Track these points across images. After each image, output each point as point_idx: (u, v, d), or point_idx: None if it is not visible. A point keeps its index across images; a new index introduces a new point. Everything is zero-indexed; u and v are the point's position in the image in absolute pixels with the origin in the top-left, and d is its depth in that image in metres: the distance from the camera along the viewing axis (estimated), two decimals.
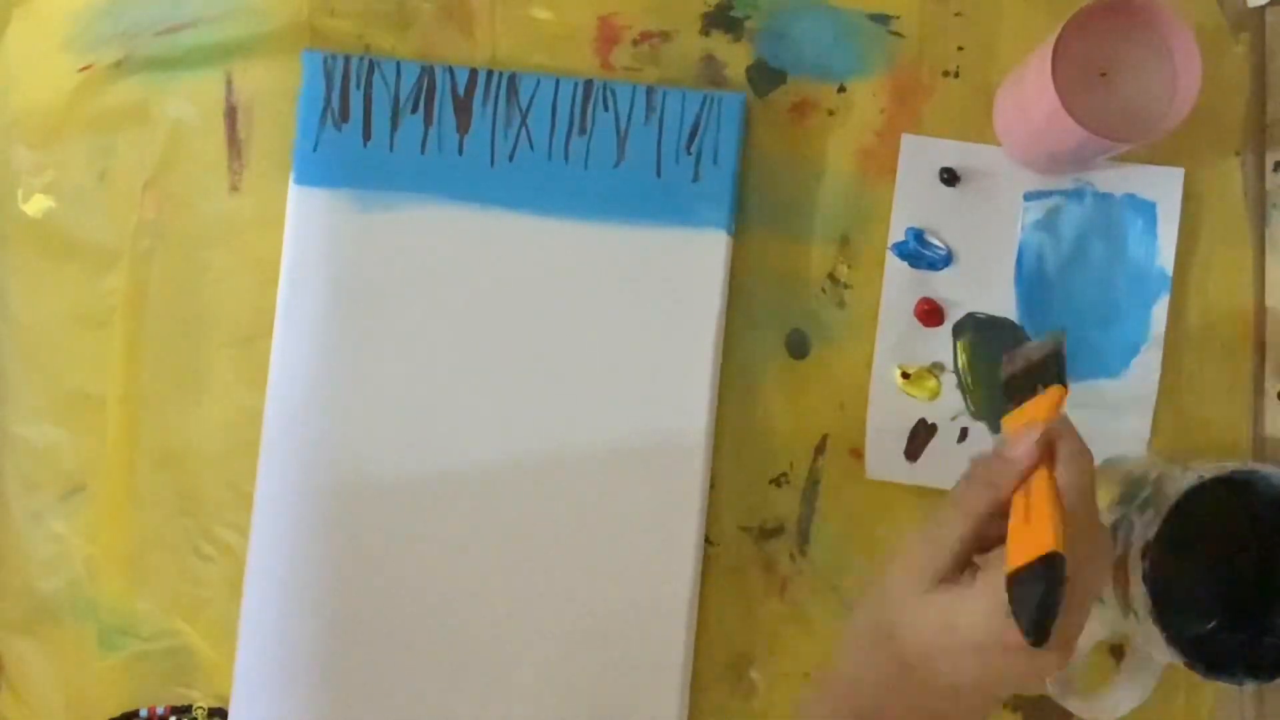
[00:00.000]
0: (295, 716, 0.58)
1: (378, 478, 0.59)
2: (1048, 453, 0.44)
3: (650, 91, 0.59)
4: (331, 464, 0.59)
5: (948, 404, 0.59)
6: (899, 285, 0.60)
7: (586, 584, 0.58)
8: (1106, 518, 0.53)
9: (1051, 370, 0.47)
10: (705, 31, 0.61)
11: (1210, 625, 0.54)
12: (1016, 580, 0.42)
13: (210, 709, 0.59)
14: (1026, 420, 0.46)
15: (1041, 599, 0.41)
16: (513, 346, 0.59)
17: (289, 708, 0.58)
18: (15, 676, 0.60)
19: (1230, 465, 0.50)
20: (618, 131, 0.59)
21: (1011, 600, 0.41)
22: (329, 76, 0.59)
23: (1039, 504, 0.43)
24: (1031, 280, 0.60)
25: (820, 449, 0.60)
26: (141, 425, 0.60)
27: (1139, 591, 0.49)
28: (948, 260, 0.60)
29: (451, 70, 0.60)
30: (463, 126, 0.59)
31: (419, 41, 0.61)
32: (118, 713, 0.60)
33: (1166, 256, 0.60)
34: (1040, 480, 0.44)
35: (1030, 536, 0.42)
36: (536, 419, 0.59)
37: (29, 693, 0.60)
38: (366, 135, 0.59)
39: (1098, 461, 0.58)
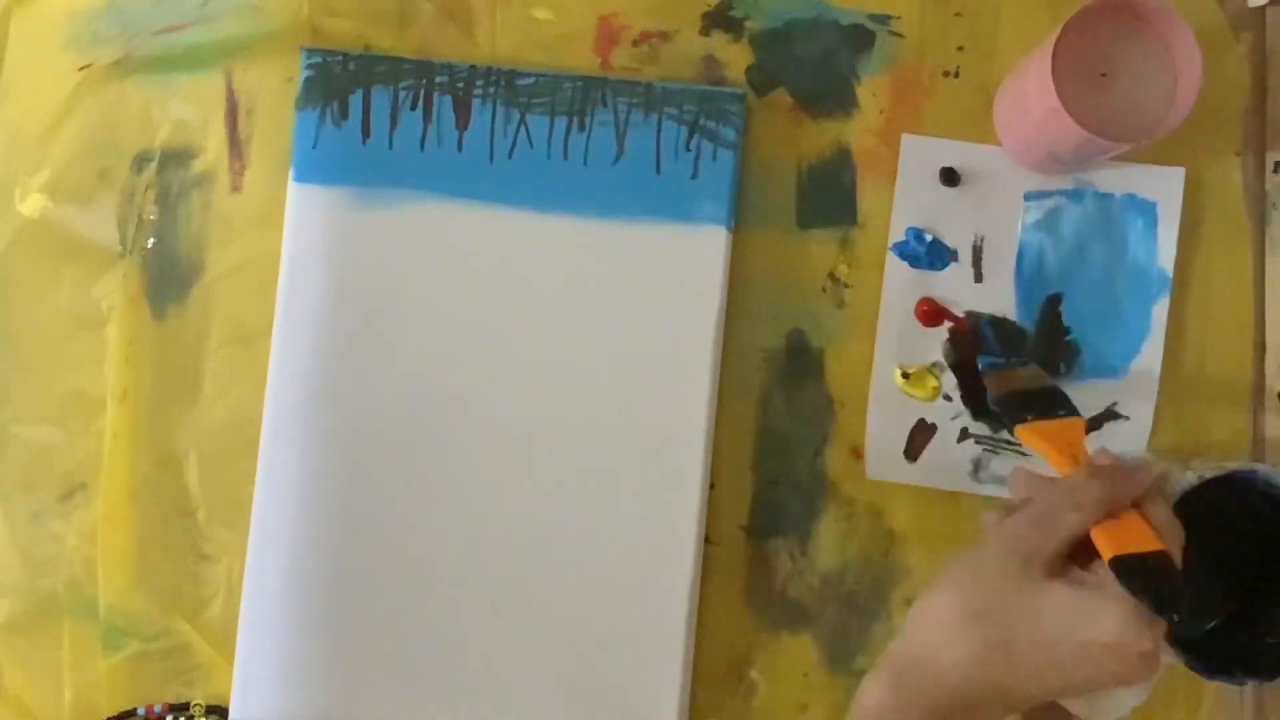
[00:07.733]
0: (295, 715, 0.58)
1: (377, 477, 0.59)
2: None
3: (649, 88, 0.59)
4: (331, 463, 0.59)
5: (948, 404, 0.59)
6: (899, 285, 0.60)
7: (587, 583, 0.58)
8: None
9: (1051, 400, 0.50)
10: (705, 31, 0.61)
11: (1210, 625, 0.54)
12: (1124, 565, 0.43)
13: (208, 706, 0.59)
14: (1050, 440, 0.49)
15: (1161, 579, 0.43)
16: (512, 344, 0.59)
17: (288, 706, 0.58)
18: (15, 676, 0.60)
19: (1230, 465, 0.50)
20: (617, 128, 0.59)
21: (1124, 581, 0.43)
22: (328, 73, 0.59)
23: (1129, 516, 0.45)
24: (1031, 280, 0.60)
25: (820, 449, 0.60)
26: (141, 425, 0.60)
27: None
28: (948, 260, 0.60)
29: (450, 67, 0.59)
30: (462, 123, 0.59)
31: (419, 41, 0.61)
32: (117, 712, 0.60)
33: (1166, 256, 0.60)
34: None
35: (1122, 535, 0.44)
36: (536, 417, 0.59)
37: (29, 693, 0.60)
38: (365, 132, 0.59)
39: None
